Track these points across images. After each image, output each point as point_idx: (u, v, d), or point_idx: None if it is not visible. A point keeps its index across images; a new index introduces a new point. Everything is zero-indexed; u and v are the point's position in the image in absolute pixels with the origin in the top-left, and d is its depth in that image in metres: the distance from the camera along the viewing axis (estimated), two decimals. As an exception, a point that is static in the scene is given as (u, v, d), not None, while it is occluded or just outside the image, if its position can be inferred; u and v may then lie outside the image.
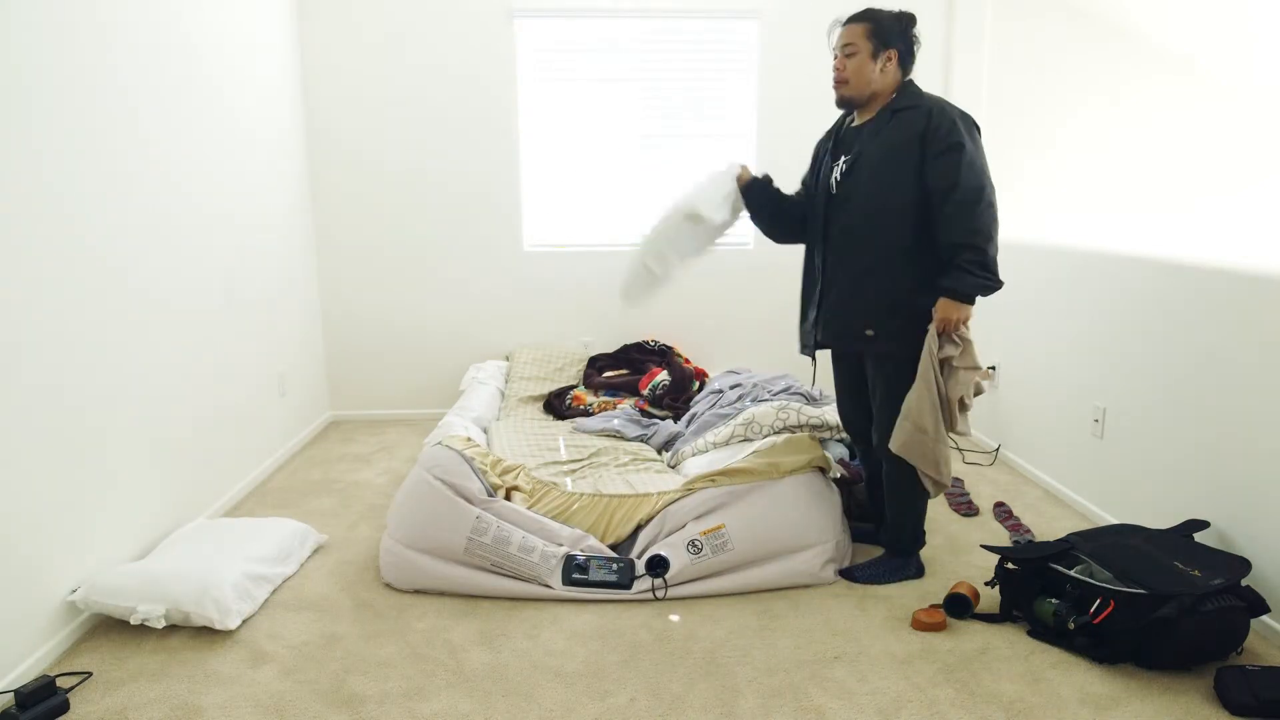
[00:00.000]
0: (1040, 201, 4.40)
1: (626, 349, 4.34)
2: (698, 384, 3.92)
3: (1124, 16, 4.15)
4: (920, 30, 2.50)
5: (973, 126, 2.41)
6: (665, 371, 3.96)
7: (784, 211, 2.75)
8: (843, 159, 2.54)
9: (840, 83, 2.49)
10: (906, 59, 2.48)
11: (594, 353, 4.40)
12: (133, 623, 2.26)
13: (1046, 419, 3.41)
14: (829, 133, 2.68)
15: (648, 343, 4.34)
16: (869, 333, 2.50)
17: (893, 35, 2.43)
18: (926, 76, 4.27)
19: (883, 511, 2.72)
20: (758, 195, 2.73)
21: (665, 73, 4.29)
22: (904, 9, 2.47)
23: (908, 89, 2.49)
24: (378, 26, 4.16)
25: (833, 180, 2.54)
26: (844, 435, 3.06)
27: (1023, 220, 4.40)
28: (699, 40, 4.28)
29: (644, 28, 4.24)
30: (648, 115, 4.33)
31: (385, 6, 4.15)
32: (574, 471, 3.01)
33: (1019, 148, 4.36)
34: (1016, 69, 4.28)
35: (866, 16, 2.46)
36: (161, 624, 2.26)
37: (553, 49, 4.26)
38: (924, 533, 2.68)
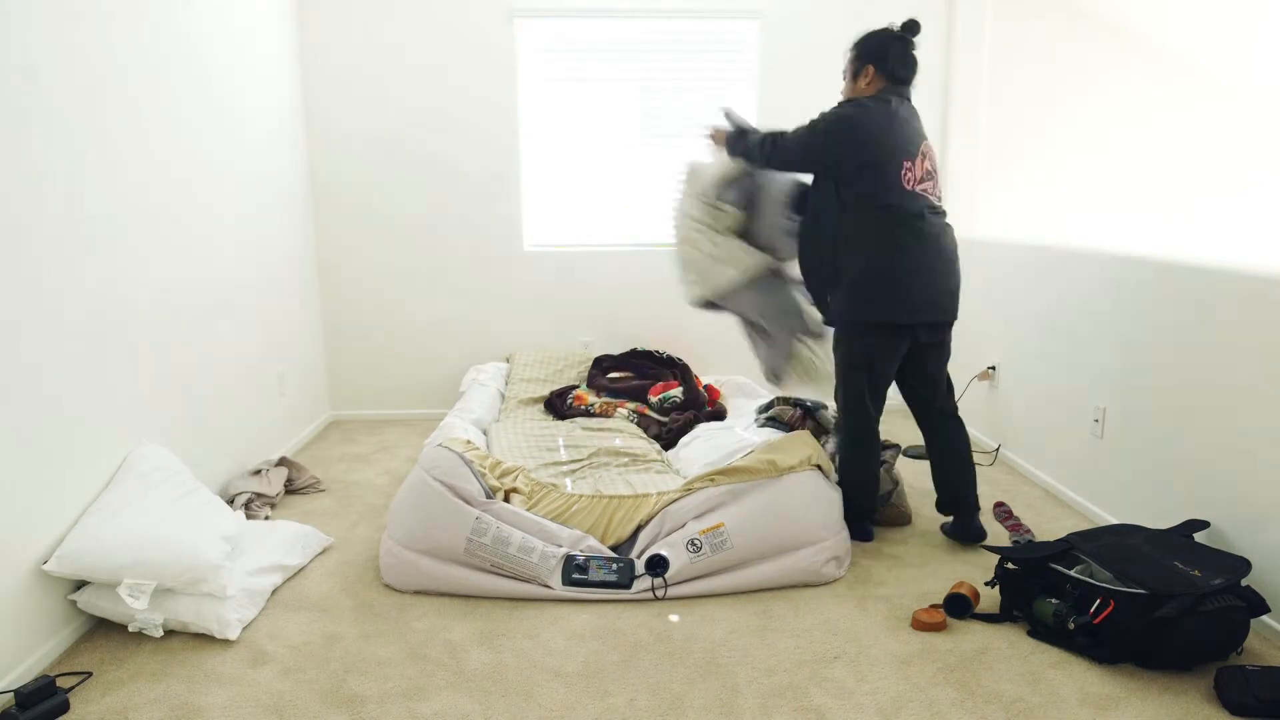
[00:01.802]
0: (1040, 201, 4.40)
1: (635, 354, 4.27)
2: (708, 409, 3.79)
3: (1124, 16, 4.15)
4: (921, 37, 2.63)
5: (827, 117, 2.66)
6: (680, 387, 3.87)
7: None
8: None
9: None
10: (885, 65, 2.69)
11: (595, 353, 4.38)
12: (130, 630, 2.27)
13: (1046, 419, 3.41)
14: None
15: (657, 353, 4.27)
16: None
17: (868, 51, 2.70)
18: (927, 76, 4.28)
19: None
20: None
21: (665, 72, 4.29)
22: (888, 23, 2.74)
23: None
24: (377, 26, 4.16)
25: None
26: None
27: (1022, 220, 4.40)
28: (699, 40, 4.28)
29: (644, 28, 4.24)
30: (648, 115, 4.33)
31: (385, 7, 4.15)
32: (574, 472, 3.01)
33: (1018, 148, 4.36)
34: (1016, 69, 4.28)
35: (851, 46, 2.76)
36: (159, 633, 2.26)
37: (552, 49, 4.26)
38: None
